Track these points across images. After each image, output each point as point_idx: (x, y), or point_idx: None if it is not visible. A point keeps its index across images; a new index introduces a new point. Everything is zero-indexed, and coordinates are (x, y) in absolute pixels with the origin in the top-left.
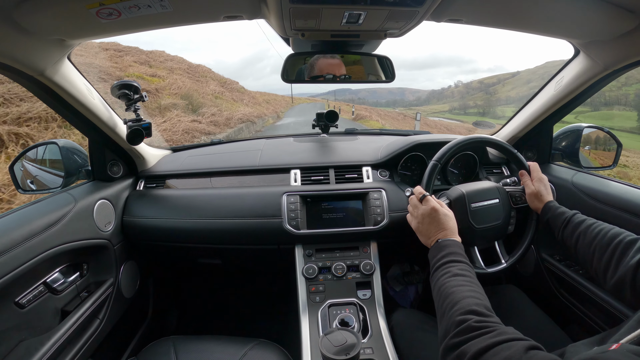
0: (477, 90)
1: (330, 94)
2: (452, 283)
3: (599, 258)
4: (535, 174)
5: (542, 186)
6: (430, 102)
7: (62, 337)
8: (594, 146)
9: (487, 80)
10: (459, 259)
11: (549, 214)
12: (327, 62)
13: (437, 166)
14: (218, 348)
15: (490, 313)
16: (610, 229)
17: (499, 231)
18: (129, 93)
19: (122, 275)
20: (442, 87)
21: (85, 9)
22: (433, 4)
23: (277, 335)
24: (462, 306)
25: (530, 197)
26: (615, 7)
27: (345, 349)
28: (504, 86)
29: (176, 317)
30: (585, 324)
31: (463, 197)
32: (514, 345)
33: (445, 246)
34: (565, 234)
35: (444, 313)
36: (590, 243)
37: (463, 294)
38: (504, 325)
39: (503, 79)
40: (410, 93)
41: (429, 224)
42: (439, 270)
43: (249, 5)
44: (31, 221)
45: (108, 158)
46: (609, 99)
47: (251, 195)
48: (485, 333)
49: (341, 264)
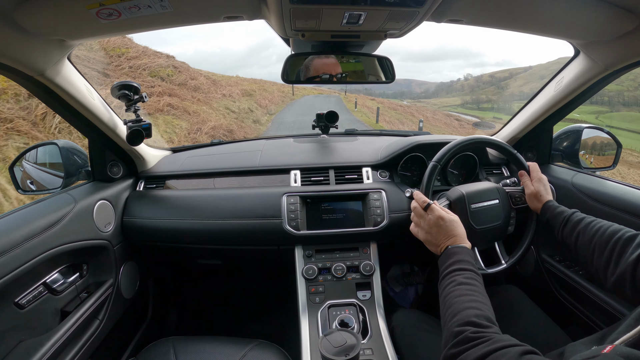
0: (488, 84)
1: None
2: (456, 293)
3: (599, 255)
4: (534, 174)
5: (542, 186)
6: (439, 95)
7: (61, 337)
8: (591, 150)
9: (499, 74)
10: (466, 266)
11: (548, 214)
12: (321, 62)
13: (437, 167)
14: (218, 349)
15: (489, 324)
16: (609, 226)
17: (499, 232)
18: (128, 94)
19: (121, 276)
20: (451, 80)
21: (85, 10)
22: (433, 5)
23: (276, 336)
24: (461, 317)
25: (530, 197)
26: (615, 8)
27: (345, 350)
28: (515, 81)
29: (176, 318)
30: (585, 324)
31: (463, 198)
32: (508, 352)
33: (454, 253)
34: (565, 232)
35: (445, 323)
36: (590, 240)
37: (464, 304)
38: (500, 334)
39: (515, 73)
40: (417, 85)
41: (438, 233)
42: (446, 279)
43: (249, 5)
44: (31, 222)
45: (108, 159)
46: (627, 100)
47: (251, 196)
48: (481, 343)
49: (341, 264)
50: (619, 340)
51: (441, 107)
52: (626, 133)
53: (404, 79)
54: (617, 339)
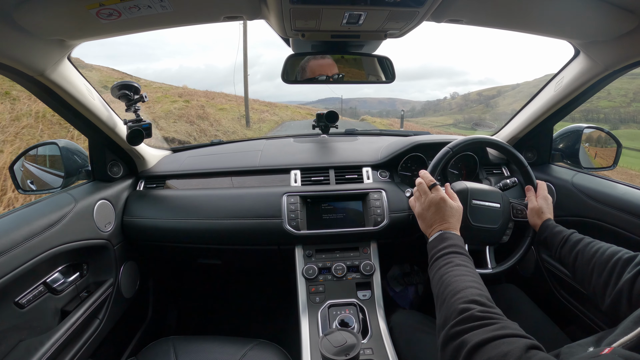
0: (476, 102)
1: (319, 103)
2: (455, 272)
3: (599, 275)
4: (541, 192)
5: (545, 204)
6: (427, 114)
7: (61, 337)
8: (594, 146)
9: (486, 92)
10: (461, 251)
11: (547, 232)
12: (318, 63)
13: (449, 154)
14: (218, 348)
15: (492, 304)
16: (608, 247)
17: (493, 236)
18: (129, 93)
19: (122, 276)
20: (437, 99)
21: (85, 10)
22: (433, 5)
23: (277, 336)
24: (465, 295)
25: (532, 211)
26: (615, 8)
27: (345, 350)
28: (504, 99)
29: (176, 317)
30: (584, 325)
31: (466, 191)
32: (515, 342)
33: (448, 238)
34: (564, 251)
35: (445, 300)
36: (589, 261)
37: (466, 283)
38: (507, 319)
39: (503, 91)
40: (401, 104)
41: (434, 213)
42: (441, 260)
43: (249, 5)
44: (31, 221)
45: (108, 158)
46: (624, 116)
47: (251, 196)
48: (488, 324)
49: (341, 264)
50: (617, 342)
51: (433, 127)
52: (635, 153)
53: (388, 97)
54: (615, 341)
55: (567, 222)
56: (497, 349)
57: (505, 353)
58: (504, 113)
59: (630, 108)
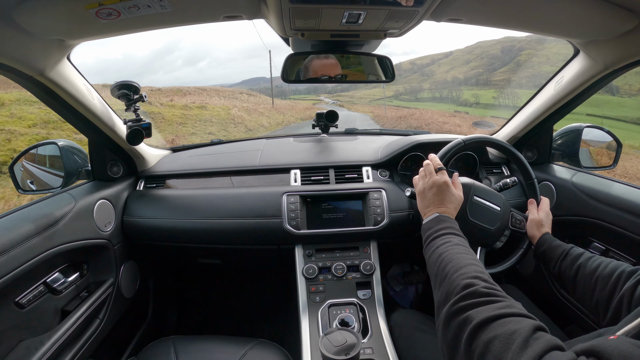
0: (410, 72)
1: (243, 84)
2: (455, 250)
3: (602, 288)
4: (544, 206)
5: (546, 218)
6: (358, 87)
7: (62, 337)
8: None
9: (419, 61)
10: (458, 233)
11: (546, 245)
12: (320, 63)
13: (461, 145)
14: (218, 348)
15: (495, 283)
16: (610, 261)
17: (488, 237)
18: (128, 93)
19: (122, 275)
20: None
21: (85, 10)
22: (433, 4)
23: (277, 335)
24: (468, 271)
25: (532, 223)
26: (615, 7)
27: (345, 349)
28: (440, 67)
29: (176, 317)
30: (584, 325)
31: (470, 186)
32: (522, 321)
33: (445, 220)
34: (564, 265)
35: (445, 277)
36: (591, 274)
37: (467, 260)
38: (512, 299)
39: (436, 59)
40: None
41: (435, 195)
42: (439, 239)
43: (248, 5)
44: (31, 221)
45: (108, 158)
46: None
47: (251, 196)
48: (494, 302)
49: (341, 264)
50: (620, 331)
51: (372, 101)
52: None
53: None
54: (619, 329)
55: (567, 222)
56: (504, 327)
57: (513, 332)
58: (444, 81)
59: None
